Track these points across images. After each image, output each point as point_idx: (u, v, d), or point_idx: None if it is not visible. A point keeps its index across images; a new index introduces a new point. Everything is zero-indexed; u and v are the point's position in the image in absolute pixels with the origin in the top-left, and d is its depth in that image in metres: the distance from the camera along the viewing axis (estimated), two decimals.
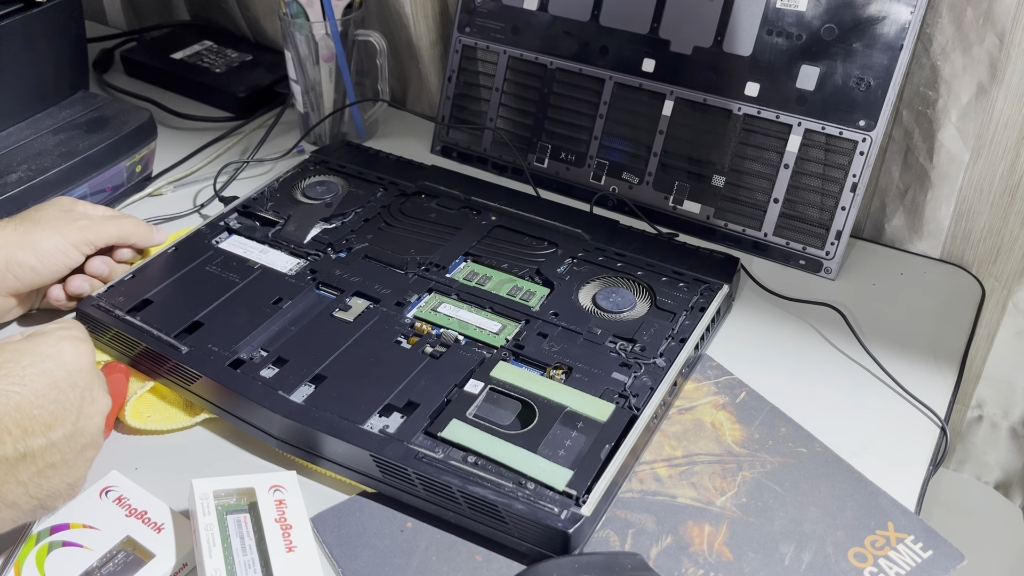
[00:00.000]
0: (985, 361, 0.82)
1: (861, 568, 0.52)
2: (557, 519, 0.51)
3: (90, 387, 0.50)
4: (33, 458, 0.47)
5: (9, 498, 0.46)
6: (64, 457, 0.48)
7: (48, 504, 0.49)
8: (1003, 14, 0.69)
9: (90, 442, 0.50)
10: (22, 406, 0.46)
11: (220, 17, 1.17)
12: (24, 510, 0.48)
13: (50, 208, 0.69)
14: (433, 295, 0.69)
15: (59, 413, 0.48)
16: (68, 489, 0.50)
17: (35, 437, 0.46)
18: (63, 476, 0.49)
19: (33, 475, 0.47)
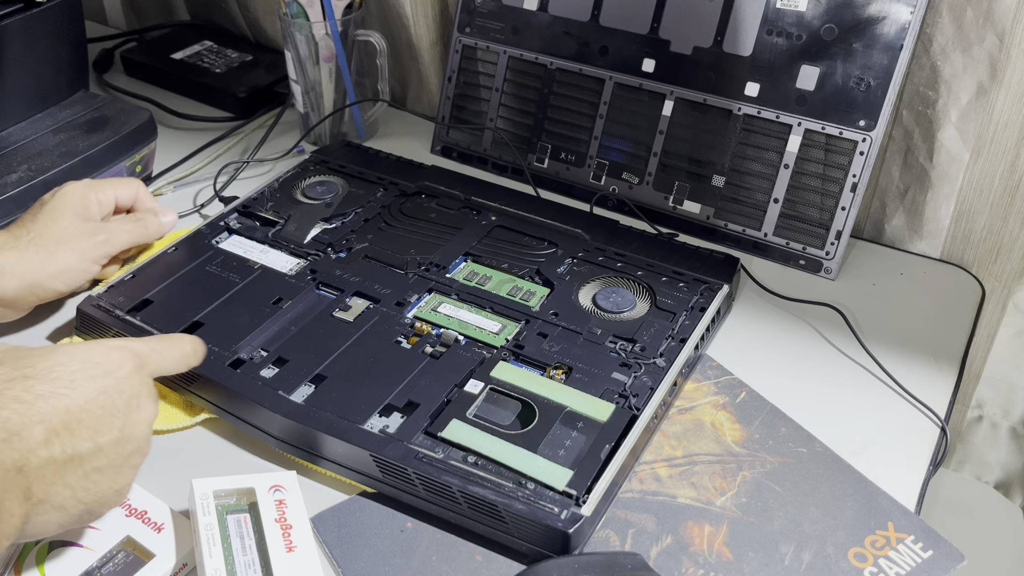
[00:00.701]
0: (985, 361, 0.82)
1: (861, 568, 0.52)
2: (557, 519, 0.51)
3: (137, 395, 0.50)
4: (80, 461, 0.46)
5: (57, 500, 0.46)
6: (111, 462, 0.48)
7: (95, 510, 0.48)
8: (1003, 14, 0.69)
9: (136, 449, 0.50)
10: (70, 409, 0.46)
11: (220, 17, 1.17)
12: (71, 514, 0.47)
13: (66, 215, 0.68)
14: (433, 295, 0.69)
15: (106, 418, 0.47)
16: (115, 496, 0.49)
17: (83, 440, 0.46)
18: (110, 482, 0.48)
19: (80, 478, 0.46)
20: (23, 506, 0.44)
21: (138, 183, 0.74)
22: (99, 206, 0.71)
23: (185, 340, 0.57)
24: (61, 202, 0.68)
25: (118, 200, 0.73)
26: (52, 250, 0.66)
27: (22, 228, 0.67)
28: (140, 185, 0.75)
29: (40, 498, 0.45)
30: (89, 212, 0.70)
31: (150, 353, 0.52)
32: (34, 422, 0.44)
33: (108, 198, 0.72)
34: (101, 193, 0.71)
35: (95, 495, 0.48)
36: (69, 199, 0.69)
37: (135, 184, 0.74)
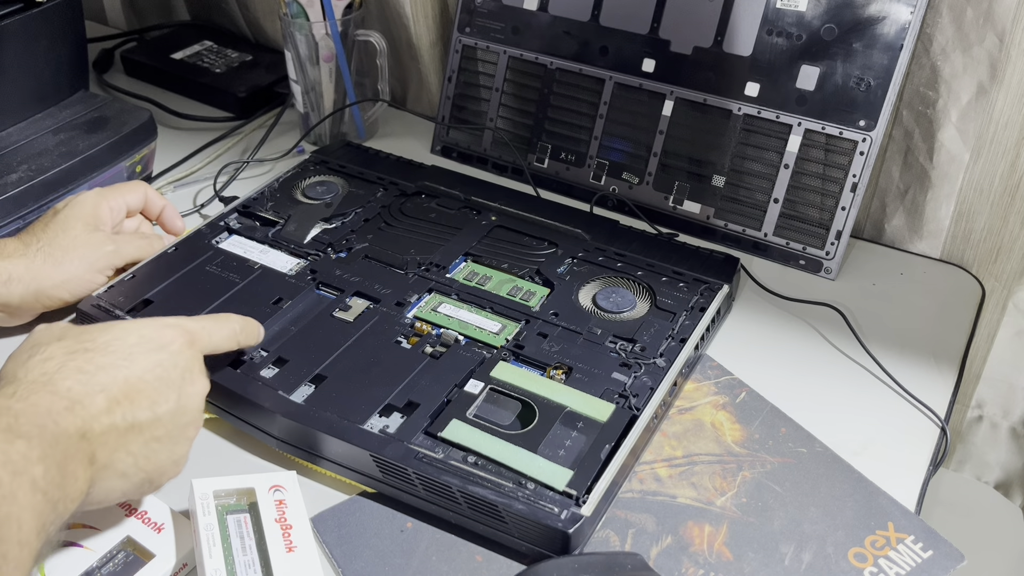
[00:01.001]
0: (985, 361, 0.82)
1: (861, 568, 0.52)
2: (557, 519, 0.51)
3: (190, 369, 0.52)
4: (140, 429, 0.48)
5: (120, 467, 0.48)
6: (168, 432, 0.50)
7: (155, 479, 0.50)
8: (1003, 14, 0.69)
9: (191, 421, 0.52)
10: (129, 380, 0.48)
11: (220, 17, 1.17)
12: (133, 482, 0.49)
13: (77, 225, 0.68)
14: (433, 295, 0.69)
15: (163, 389, 0.50)
16: (172, 466, 0.51)
17: (142, 410, 0.48)
18: (168, 451, 0.50)
19: (141, 446, 0.48)
20: (88, 471, 0.45)
21: (145, 186, 0.75)
22: (111, 214, 0.71)
23: (233, 319, 0.59)
24: (73, 212, 0.69)
25: (128, 206, 0.73)
26: (60, 259, 0.67)
27: (32, 236, 0.67)
28: (147, 188, 0.75)
29: (104, 463, 0.47)
30: (100, 222, 0.70)
31: (200, 331, 0.54)
32: (95, 391, 0.47)
33: (119, 206, 0.72)
34: (112, 201, 0.71)
35: (155, 464, 0.49)
36: (80, 209, 0.69)
37: (142, 188, 0.74)
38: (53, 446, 0.43)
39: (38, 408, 0.44)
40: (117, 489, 0.49)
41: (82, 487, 0.45)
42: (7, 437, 0.42)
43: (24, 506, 0.40)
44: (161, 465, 0.50)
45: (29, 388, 0.45)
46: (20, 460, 0.41)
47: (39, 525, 0.41)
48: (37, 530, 0.41)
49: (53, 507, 0.42)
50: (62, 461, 0.43)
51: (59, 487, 0.43)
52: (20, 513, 0.40)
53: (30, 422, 0.43)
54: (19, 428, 0.43)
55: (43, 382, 0.46)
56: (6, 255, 0.65)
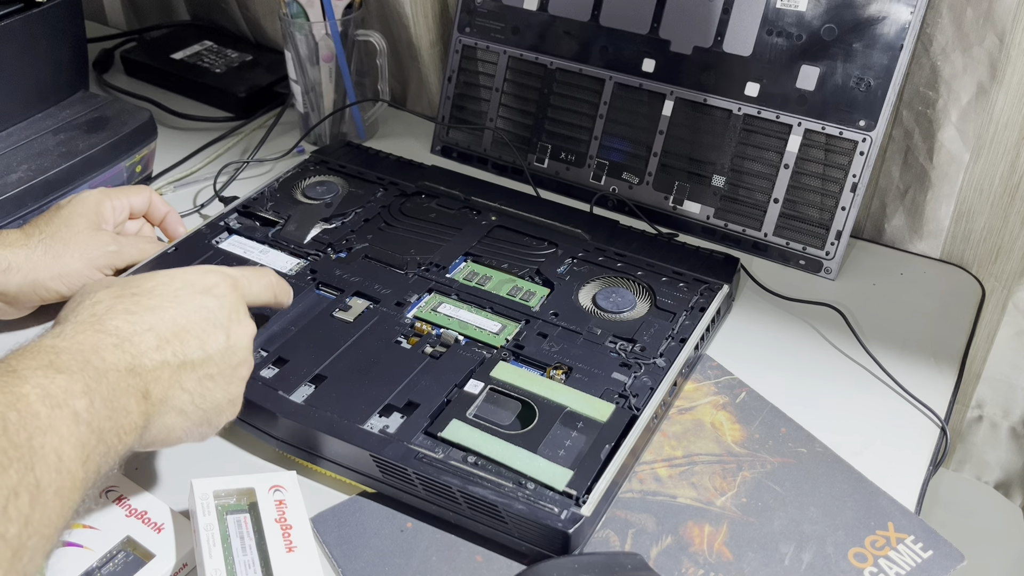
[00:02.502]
0: (985, 361, 0.82)
1: (861, 568, 0.52)
2: (557, 519, 0.51)
3: (237, 310, 0.53)
4: (193, 367, 0.49)
5: (176, 403, 0.49)
6: (221, 370, 0.51)
7: (213, 418, 0.51)
8: (1003, 14, 0.69)
9: (242, 360, 0.53)
10: (177, 320, 0.50)
11: (220, 17, 1.17)
12: (192, 420, 0.50)
13: (80, 222, 0.68)
14: (433, 295, 0.69)
15: (211, 329, 0.51)
16: (228, 405, 0.52)
17: (192, 348, 0.49)
18: (222, 390, 0.51)
19: (195, 383, 0.50)
20: (142, 405, 0.46)
21: (150, 190, 0.75)
22: (113, 213, 0.71)
23: (270, 272, 0.60)
24: (76, 209, 0.69)
25: (132, 208, 0.73)
26: (60, 252, 0.67)
27: (35, 228, 0.68)
28: (153, 193, 0.75)
29: (159, 398, 0.48)
30: (103, 220, 0.70)
31: (241, 278, 0.56)
32: (144, 329, 0.48)
33: (122, 206, 0.72)
34: (116, 201, 0.71)
35: (211, 402, 0.51)
36: (84, 207, 0.69)
37: (147, 191, 0.75)
38: (98, 380, 0.44)
39: (83, 346, 0.45)
40: (177, 426, 0.50)
41: (136, 420, 0.46)
42: (47, 373, 0.42)
43: (64, 437, 0.41)
44: (217, 403, 0.51)
45: (76, 328, 0.47)
46: (60, 393, 0.42)
47: (82, 455, 0.41)
48: (81, 460, 0.41)
49: (100, 439, 0.43)
50: (109, 395, 0.44)
51: (107, 419, 0.43)
52: (59, 444, 0.40)
53: (73, 358, 0.44)
54: (60, 364, 0.43)
55: (91, 322, 0.47)
56: (7, 244, 0.66)
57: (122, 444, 0.45)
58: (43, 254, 0.66)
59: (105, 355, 0.45)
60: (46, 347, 0.44)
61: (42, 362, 0.43)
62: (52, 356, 0.44)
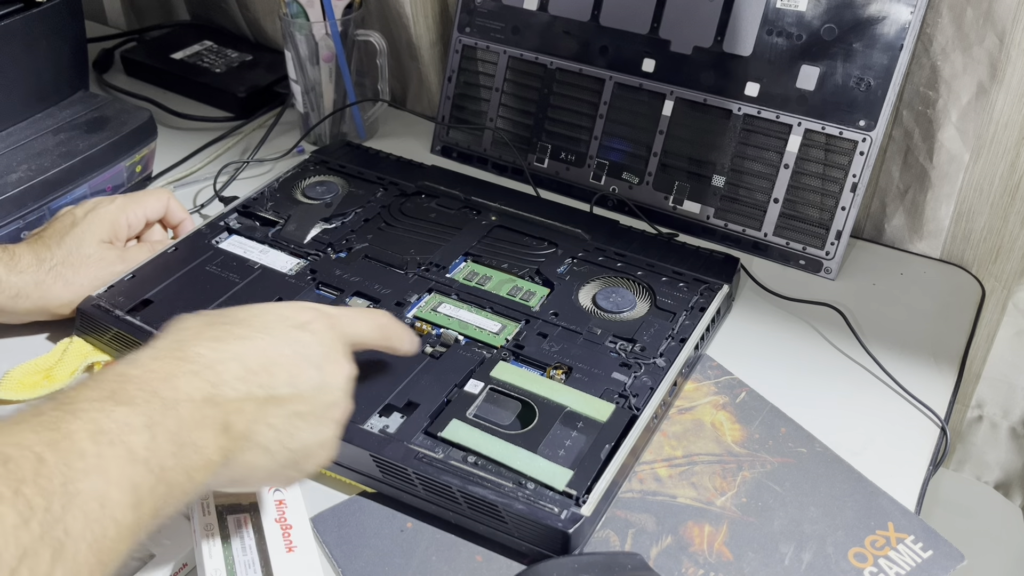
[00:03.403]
0: (985, 361, 0.82)
1: (861, 568, 0.52)
2: (557, 519, 0.51)
3: (333, 348, 0.50)
4: (281, 402, 0.46)
5: (261, 440, 0.45)
6: (311, 409, 0.47)
7: (300, 461, 0.47)
8: (1003, 14, 0.69)
9: (336, 400, 0.49)
10: (267, 352, 0.46)
11: (220, 17, 1.17)
12: (277, 460, 0.46)
13: (92, 241, 0.68)
14: (433, 295, 0.69)
15: (303, 364, 0.47)
16: (319, 448, 0.48)
17: (281, 383, 0.46)
18: (312, 431, 0.47)
19: (283, 420, 0.46)
20: (220, 439, 0.42)
21: (168, 194, 0.75)
22: (128, 229, 0.71)
23: (381, 313, 0.56)
24: (90, 226, 0.68)
25: (148, 217, 0.73)
26: (70, 278, 0.67)
27: (47, 250, 0.67)
28: (171, 198, 0.75)
29: (242, 433, 0.44)
30: (117, 236, 0.70)
31: (341, 316, 0.52)
32: (229, 358, 0.44)
33: (138, 218, 0.72)
34: (131, 214, 0.71)
35: (299, 443, 0.47)
36: (98, 225, 0.69)
37: (165, 197, 0.74)
38: (164, 412, 0.40)
39: (155, 374, 0.42)
40: (261, 466, 0.46)
41: (212, 456, 0.42)
42: (104, 406, 0.39)
43: (113, 479, 0.37)
44: (306, 445, 0.47)
45: (153, 354, 0.43)
46: (115, 428, 0.38)
47: (134, 499, 0.37)
48: (132, 504, 0.37)
49: (160, 478, 0.39)
50: (177, 428, 0.40)
51: (172, 455, 0.40)
52: (105, 488, 0.36)
53: (140, 388, 0.41)
54: (123, 394, 0.40)
55: (171, 349, 0.44)
56: (18, 270, 0.65)
57: (192, 483, 0.41)
58: (53, 282, 0.66)
59: (179, 383, 0.42)
60: (114, 375, 0.41)
61: (103, 393, 0.40)
62: (116, 385, 0.40)
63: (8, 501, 0.33)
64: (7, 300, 0.65)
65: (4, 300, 0.64)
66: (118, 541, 0.37)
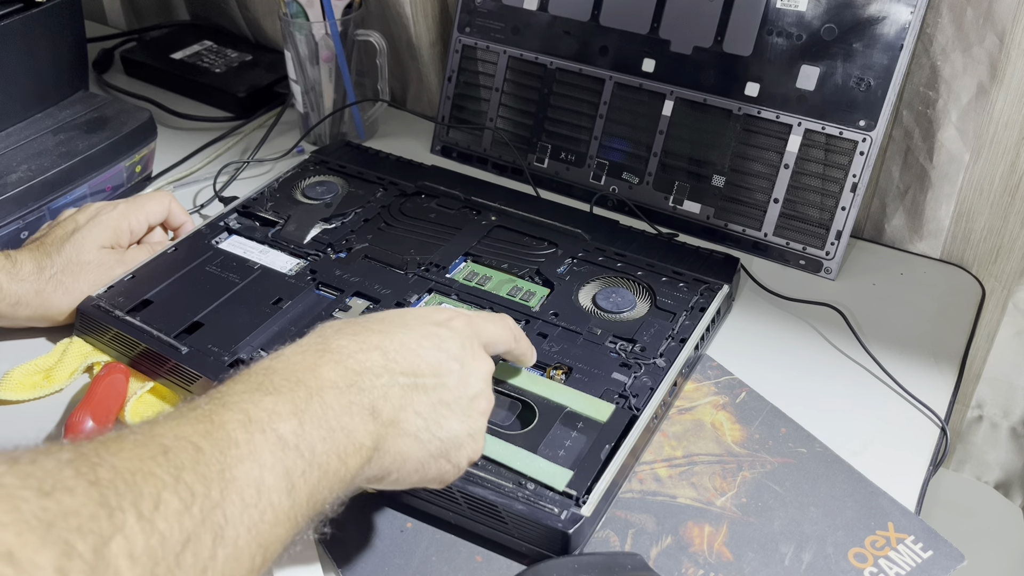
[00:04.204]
0: (985, 361, 0.82)
1: (861, 568, 0.52)
2: (557, 519, 0.51)
3: (472, 344, 0.50)
4: (426, 391, 0.46)
5: (409, 427, 0.45)
6: (456, 398, 0.47)
7: (452, 452, 0.47)
8: (1003, 14, 0.69)
9: (479, 393, 0.49)
10: (407, 344, 0.47)
11: (220, 17, 1.17)
12: (428, 449, 0.46)
13: (93, 247, 0.68)
14: (433, 295, 0.69)
15: (444, 359, 0.47)
16: (468, 438, 0.48)
17: (424, 374, 0.46)
18: (459, 420, 0.47)
19: (429, 408, 0.46)
20: (369, 424, 0.43)
21: (170, 197, 0.75)
22: (130, 235, 0.71)
23: (507, 319, 0.56)
24: (91, 233, 0.68)
25: (150, 221, 0.73)
26: (70, 286, 0.67)
27: (47, 258, 0.67)
28: (172, 201, 0.75)
29: (390, 419, 0.44)
30: (119, 242, 0.70)
31: (475, 317, 0.52)
32: (371, 348, 0.45)
33: (140, 224, 0.72)
34: (134, 220, 0.71)
35: (447, 432, 0.46)
36: (99, 231, 0.69)
37: (166, 200, 0.74)
38: (309, 399, 0.41)
39: (299, 365, 0.43)
40: (412, 454, 0.45)
41: (363, 440, 0.42)
42: (253, 397, 0.40)
43: (267, 465, 0.38)
44: (456, 435, 0.47)
45: (297, 348, 0.45)
46: (264, 416, 0.39)
47: (287, 484, 0.38)
48: (287, 489, 0.38)
49: (311, 463, 0.39)
50: (323, 414, 0.41)
51: (323, 440, 0.40)
52: (260, 473, 0.37)
53: (284, 378, 0.42)
54: (269, 385, 0.41)
55: (314, 343, 0.45)
56: (19, 278, 0.65)
57: (346, 468, 0.41)
58: (54, 290, 0.66)
59: (323, 372, 0.43)
60: (261, 369, 0.43)
61: (251, 385, 0.41)
62: (263, 378, 0.42)
63: (171, 488, 0.34)
64: (8, 308, 0.65)
65: (5, 308, 0.65)
66: (275, 525, 0.37)
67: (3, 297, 0.64)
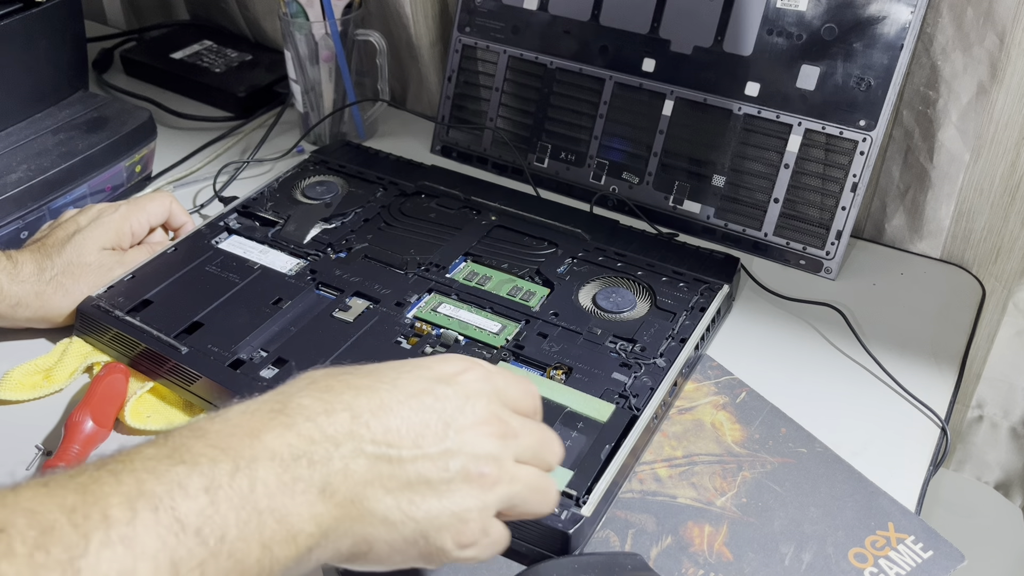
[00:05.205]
0: (985, 361, 0.82)
1: (861, 568, 0.52)
2: (557, 519, 0.51)
3: (484, 401, 0.42)
4: (400, 463, 0.39)
5: (378, 509, 0.38)
6: (441, 476, 0.40)
7: (432, 536, 0.39)
8: (1003, 14, 0.69)
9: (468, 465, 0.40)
10: (387, 403, 0.40)
11: (220, 17, 1.17)
12: (402, 533, 0.39)
13: (93, 248, 0.68)
14: (433, 295, 0.69)
15: (431, 419, 0.40)
16: (453, 520, 0.40)
17: (400, 443, 0.39)
18: (443, 500, 0.40)
19: (402, 486, 0.39)
20: (316, 505, 0.37)
21: (170, 198, 0.75)
22: (131, 237, 0.71)
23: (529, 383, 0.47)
24: (92, 234, 0.68)
25: (151, 222, 0.73)
26: (70, 288, 0.67)
27: (48, 260, 0.67)
28: (173, 201, 0.75)
29: (348, 499, 0.38)
30: (120, 243, 0.70)
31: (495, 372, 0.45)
32: (339, 409, 0.39)
33: (141, 225, 0.72)
34: (135, 222, 0.71)
35: (425, 512, 0.39)
36: (101, 233, 0.69)
37: (167, 201, 0.74)
38: (234, 474, 0.35)
39: (239, 428, 0.37)
40: (384, 540, 0.39)
41: (301, 527, 0.36)
42: (159, 466, 0.34)
43: (144, 552, 0.32)
44: (434, 516, 0.39)
45: (248, 407, 0.39)
46: (163, 492, 0.33)
47: None
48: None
49: (217, 552, 0.33)
50: (248, 494, 0.35)
51: (241, 525, 0.34)
52: (131, 564, 0.31)
53: (211, 444, 0.36)
54: (187, 452, 0.35)
55: (272, 401, 0.39)
56: (20, 279, 0.65)
57: (273, 559, 0.35)
58: (54, 292, 0.66)
59: (266, 439, 0.36)
60: (189, 430, 0.37)
61: (165, 450, 0.35)
62: (184, 442, 0.35)
63: None
64: (7, 309, 0.65)
65: (5, 309, 0.65)
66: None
67: (3, 298, 0.64)
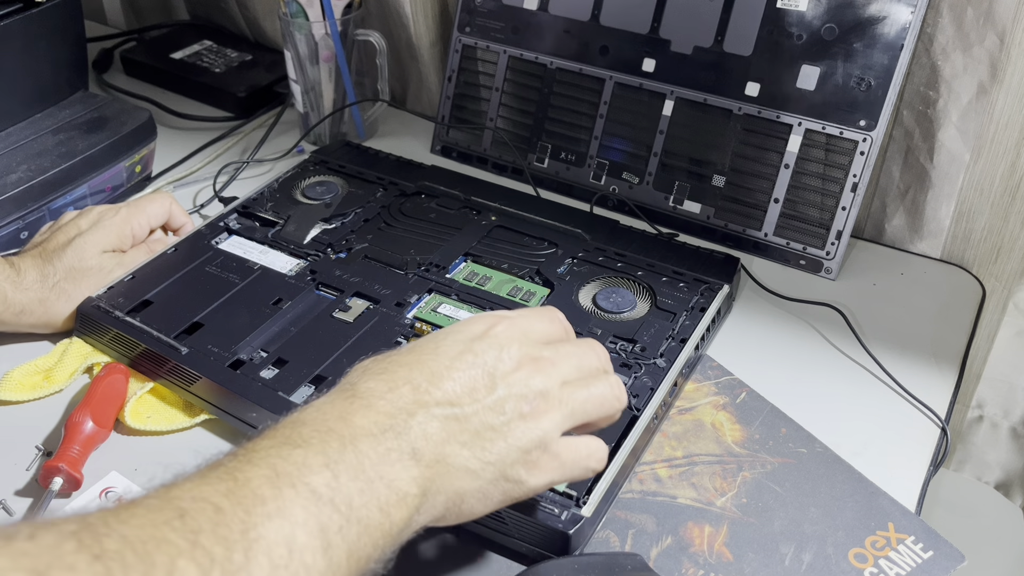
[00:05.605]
0: (985, 361, 0.82)
1: (861, 568, 0.52)
2: (557, 520, 0.51)
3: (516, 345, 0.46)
4: (466, 418, 0.43)
5: (459, 462, 0.43)
6: (500, 419, 0.44)
7: (510, 473, 0.44)
8: (1003, 14, 0.69)
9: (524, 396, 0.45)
10: (436, 371, 0.44)
11: (220, 17, 1.17)
12: (485, 478, 0.43)
13: (94, 251, 0.68)
14: (433, 295, 0.69)
15: (477, 374, 0.44)
16: (520, 454, 0.44)
17: (460, 400, 0.44)
18: (508, 440, 0.44)
19: (472, 436, 0.43)
20: (411, 469, 0.41)
21: (170, 199, 0.75)
22: (132, 239, 0.72)
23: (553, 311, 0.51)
24: (93, 237, 0.69)
25: (152, 224, 0.73)
26: (72, 293, 0.67)
27: (49, 265, 0.67)
28: (173, 202, 0.75)
29: (434, 459, 0.42)
30: (121, 246, 0.71)
31: (517, 318, 0.49)
32: (400, 384, 0.43)
33: (142, 227, 0.72)
34: (136, 224, 0.71)
35: (499, 455, 0.44)
36: (101, 235, 0.69)
37: (167, 202, 0.74)
38: (342, 449, 0.39)
39: (328, 414, 0.41)
40: (471, 490, 0.43)
41: (406, 489, 0.40)
42: (281, 451, 0.38)
43: (299, 521, 0.36)
44: (507, 456, 0.44)
45: (326, 398, 0.43)
46: (293, 471, 0.37)
47: (323, 542, 0.36)
48: (322, 547, 0.36)
49: (349, 518, 0.37)
50: (359, 464, 0.39)
51: (361, 492, 0.38)
52: (292, 531, 0.35)
53: (314, 429, 0.40)
54: (298, 437, 0.39)
55: (342, 390, 0.43)
56: (23, 287, 0.65)
57: (390, 521, 0.39)
58: (56, 298, 0.66)
59: (354, 419, 0.41)
60: (288, 423, 0.41)
61: (278, 440, 0.39)
62: (290, 431, 0.40)
63: (187, 554, 0.32)
64: (12, 316, 0.65)
65: (9, 316, 0.65)
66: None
67: (8, 306, 0.64)
